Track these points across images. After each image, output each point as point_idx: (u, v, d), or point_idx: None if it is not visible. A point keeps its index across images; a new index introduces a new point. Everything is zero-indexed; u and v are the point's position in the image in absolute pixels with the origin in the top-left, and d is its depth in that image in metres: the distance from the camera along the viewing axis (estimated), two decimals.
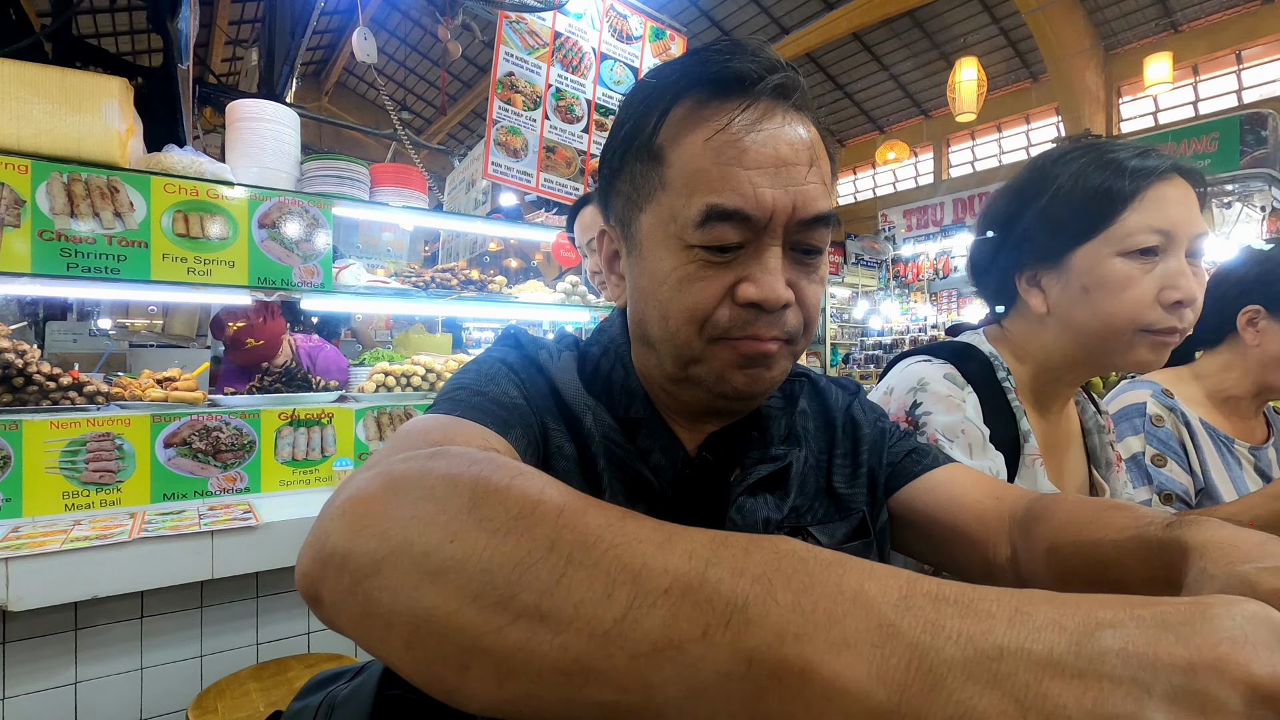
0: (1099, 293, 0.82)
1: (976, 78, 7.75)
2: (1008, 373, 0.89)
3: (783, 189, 0.54)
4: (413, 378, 2.38)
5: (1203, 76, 11.46)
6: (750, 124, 0.54)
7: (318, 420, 2.13)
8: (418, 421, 0.51)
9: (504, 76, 2.66)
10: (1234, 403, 1.33)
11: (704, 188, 0.54)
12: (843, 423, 0.73)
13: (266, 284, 2.03)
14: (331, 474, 2.09)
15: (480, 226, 3.14)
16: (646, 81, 0.60)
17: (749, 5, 11.88)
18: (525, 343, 0.67)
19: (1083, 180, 0.83)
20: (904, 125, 14.76)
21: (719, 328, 0.56)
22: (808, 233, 0.56)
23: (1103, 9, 11.22)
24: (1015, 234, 0.89)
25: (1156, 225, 0.80)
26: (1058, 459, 0.92)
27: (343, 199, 2.22)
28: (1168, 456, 1.21)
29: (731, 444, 0.65)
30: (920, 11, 11.45)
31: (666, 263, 0.57)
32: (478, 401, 0.54)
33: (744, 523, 0.62)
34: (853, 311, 10.12)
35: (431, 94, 15.62)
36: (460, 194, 3.99)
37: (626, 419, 0.63)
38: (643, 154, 0.58)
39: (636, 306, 0.62)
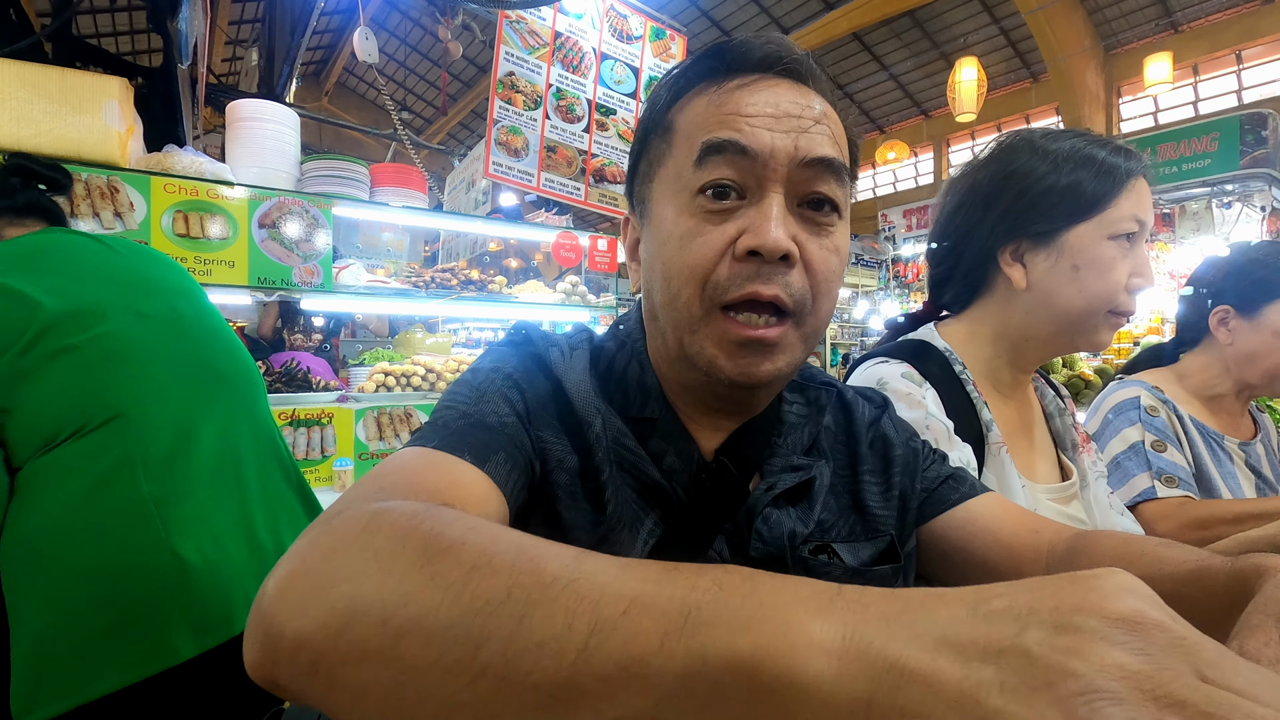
0: (1089, 272, 0.85)
1: (976, 78, 7.75)
2: (964, 366, 0.91)
3: (784, 133, 0.53)
4: (413, 378, 2.38)
5: (1203, 76, 11.46)
6: (754, 85, 0.55)
7: (318, 420, 2.13)
8: (387, 463, 0.49)
9: (504, 76, 2.66)
10: (1219, 400, 1.36)
11: (701, 132, 0.54)
12: (870, 438, 0.70)
13: (267, 284, 2.03)
14: (332, 474, 2.10)
15: (480, 226, 3.14)
16: (668, 72, 0.62)
17: (749, 5, 11.89)
18: (536, 340, 0.64)
19: (1073, 167, 0.86)
20: (904, 125, 14.76)
21: (719, 286, 0.54)
22: (814, 179, 0.54)
23: (1102, 9, 11.23)
24: (998, 210, 0.91)
25: (1137, 214, 0.85)
26: (1023, 444, 0.94)
27: (343, 199, 2.22)
28: (1167, 443, 1.23)
29: (750, 447, 0.63)
30: (920, 11, 11.45)
31: (671, 220, 0.56)
32: (460, 426, 0.52)
33: (770, 535, 0.59)
34: (853, 311, 10.11)
35: (432, 94, 15.63)
36: (460, 194, 3.99)
37: (641, 419, 0.61)
38: (656, 130, 0.60)
39: (647, 279, 0.61)
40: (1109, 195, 0.84)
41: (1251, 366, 1.30)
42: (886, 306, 9.44)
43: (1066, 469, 0.98)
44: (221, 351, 1.24)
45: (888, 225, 9.36)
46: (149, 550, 0.99)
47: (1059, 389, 1.05)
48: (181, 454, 1.08)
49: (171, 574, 0.99)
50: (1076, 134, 0.90)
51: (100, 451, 1.00)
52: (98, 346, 1.05)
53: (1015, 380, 0.97)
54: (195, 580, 1.00)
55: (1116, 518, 0.95)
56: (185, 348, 1.17)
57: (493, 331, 7.00)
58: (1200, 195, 5.14)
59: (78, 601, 0.94)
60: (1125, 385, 1.36)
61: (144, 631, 0.96)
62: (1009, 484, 0.85)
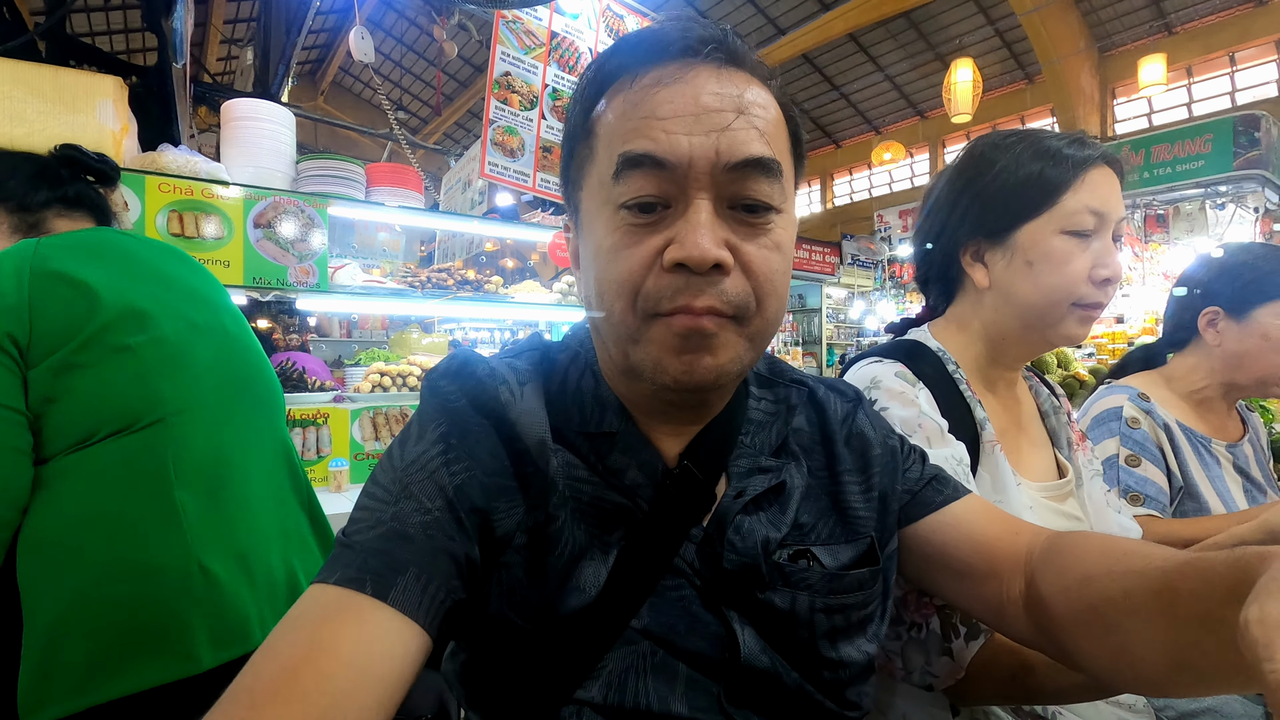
0: (1042, 266, 0.86)
1: (972, 79, 7.77)
2: (956, 365, 0.92)
3: (703, 135, 0.50)
4: (408, 378, 2.38)
5: (1197, 78, 11.51)
6: (670, 79, 0.51)
7: (313, 420, 2.13)
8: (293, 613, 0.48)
9: (500, 76, 2.66)
10: (1207, 402, 1.36)
11: (618, 142, 0.51)
12: (845, 436, 0.68)
13: (262, 284, 2.02)
14: (327, 474, 2.09)
15: (476, 226, 3.13)
16: (586, 71, 0.59)
17: (745, 6, 11.89)
18: (481, 376, 0.58)
19: (1024, 164, 0.87)
20: (900, 126, 14.78)
21: (651, 299, 0.51)
22: (743, 183, 0.51)
23: (1097, 10, 11.26)
24: (958, 212, 0.93)
25: (1093, 207, 0.85)
26: (1017, 442, 0.95)
27: (338, 199, 2.21)
28: (1142, 457, 1.23)
29: (715, 448, 0.61)
30: (916, 13, 11.47)
31: (599, 232, 0.53)
32: (368, 543, 0.50)
33: (743, 545, 0.57)
34: (849, 312, 10.13)
35: (428, 94, 15.59)
36: (456, 194, 3.98)
37: (599, 434, 0.59)
38: (580, 133, 0.57)
39: (585, 292, 0.59)
40: (1060, 189, 0.85)
41: (1239, 369, 1.30)
42: (882, 307, 9.46)
43: (1063, 467, 0.98)
44: (255, 369, 1.24)
45: (884, 226, 9.37)
46: (176, 556, 0.98)
47: (1054, 388, 1.06)
48: (214, 468, 1.07)
49: (198, 584, 0.98)
50: (1030, 135, 0.91)
51: (138, 454, 0.99)
52: (153, 350, 1.04)
53: (1004, 378, 0.98)
54: (220, 594, 1.00)
55: (1114, 515, 0.96)
56: (227, 363, 1.17)
57: (489, 332, 6.99)
58: (1194, 196, 5.16)
59: (99, 598, 0.93)
60: (1112, 391, 1.37)
61: (165, 637, 0.95)
62: (1003, 481, 0.85)
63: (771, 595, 0.58)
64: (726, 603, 0.57)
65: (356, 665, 0.44)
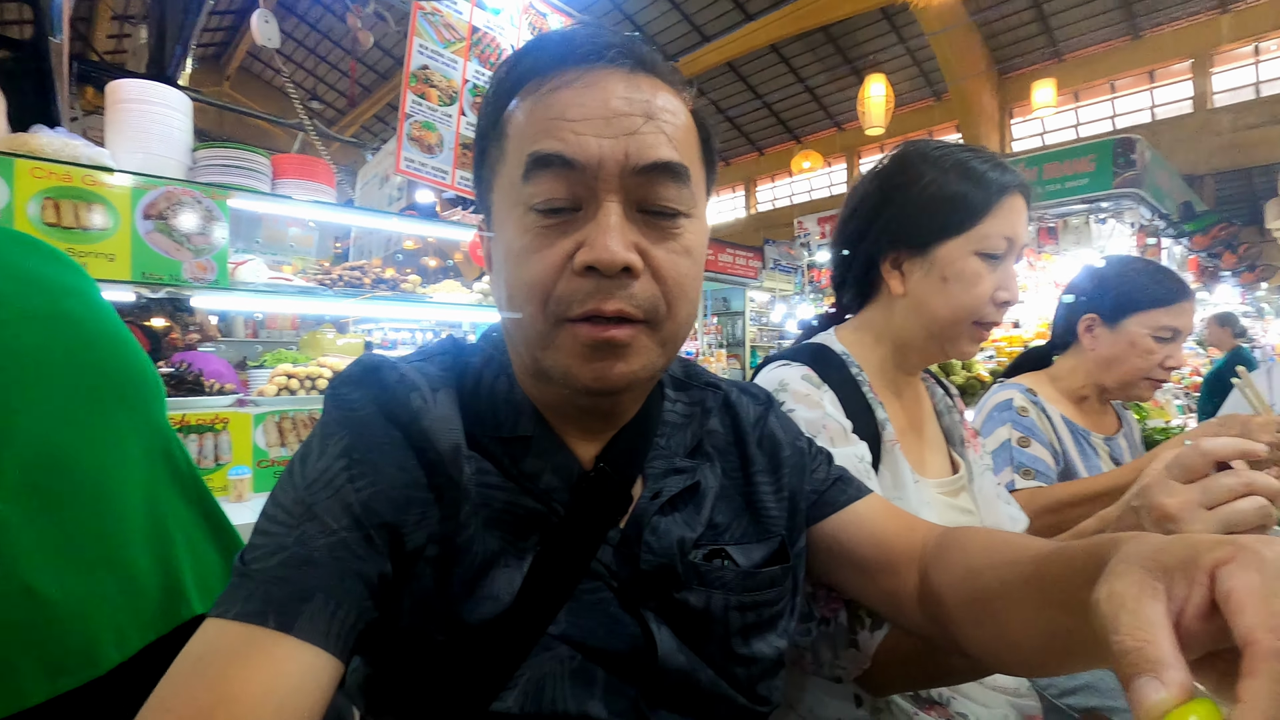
0: (956, 284, 0.91)
1: (884, 94, 8.15)
2: (859, 368, 0.96)
3: (612, 138, 0.50)
4: (318, 380, 2.27)
5: (1083, 102, 12.52)
6: (580, 81, 0.51)
7: (210, 426, 1.99)
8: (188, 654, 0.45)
9: (418, 70, 2.58)
10: (1086, 400, 1.49)
11: (527, 142, 0.51)
12: (757, 438, 0.70)
13: (152, 280, 1.88)
14: (226, 483, 1.96)
15: (392, 223, 3.03)
16: (497, 72, 0.58)
17: (671, 12, 12.05)
18: (391, 383, 0.56)
19: (951, 182, 0.91)
20: (819, 136, 15.35)
21: (562, 303, 0.51)
22: (652, 186, 0.51)
23: (997, 35, 12.07)
24: (883, 219, 0.96)
25: (1006, 233, 0.90)
26: (914, 441, 1.00)
27: (240, 190, 2.09)
28: (1032, 438, 1.33)
29: (630, 451, 0.61)
30: (834, 28, 11.95)
31: (510, 235, 0.53)
32: (268, 572, 0.47)
33: (659, 545, 0.58)
34: (771, 315, 10.40)
35: (345, 84, 14.97)
36: (373, 189, 3.84)
37: (514, 439, 0.58)
38: (490, 134, 0.57)
39: (497, 295, 0.58)
40: (980, 213, 0.90)
41: (1108, 372, 1.42)
42: (803, 310, 9.77)
43: (955, 463, 1.04)
44: (113, 355, 1.12)
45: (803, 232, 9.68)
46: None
47: (948, 388, 1.12)
48: (47, 472, 0.97)
49: (20, 608, 0.88)
50: (963, 148, 0.95)
51: None
52: None
53: (904, 380, 1.02)
54: (51, 615, 0.90)
55: (1002, 506, 1.02)
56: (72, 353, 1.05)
57: (410, 333, 6.77)
58: (1080, 211, 5.61)
59: None
60: (1004, 388, 1.47)
61: None
62: (902, 479, 0.89)
63: (687, 594, 0.58)
64: (643, 603, 0.58)
65: (267, 711, 0.42)
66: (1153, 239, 5.84)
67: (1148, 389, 1.42)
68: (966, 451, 1.05)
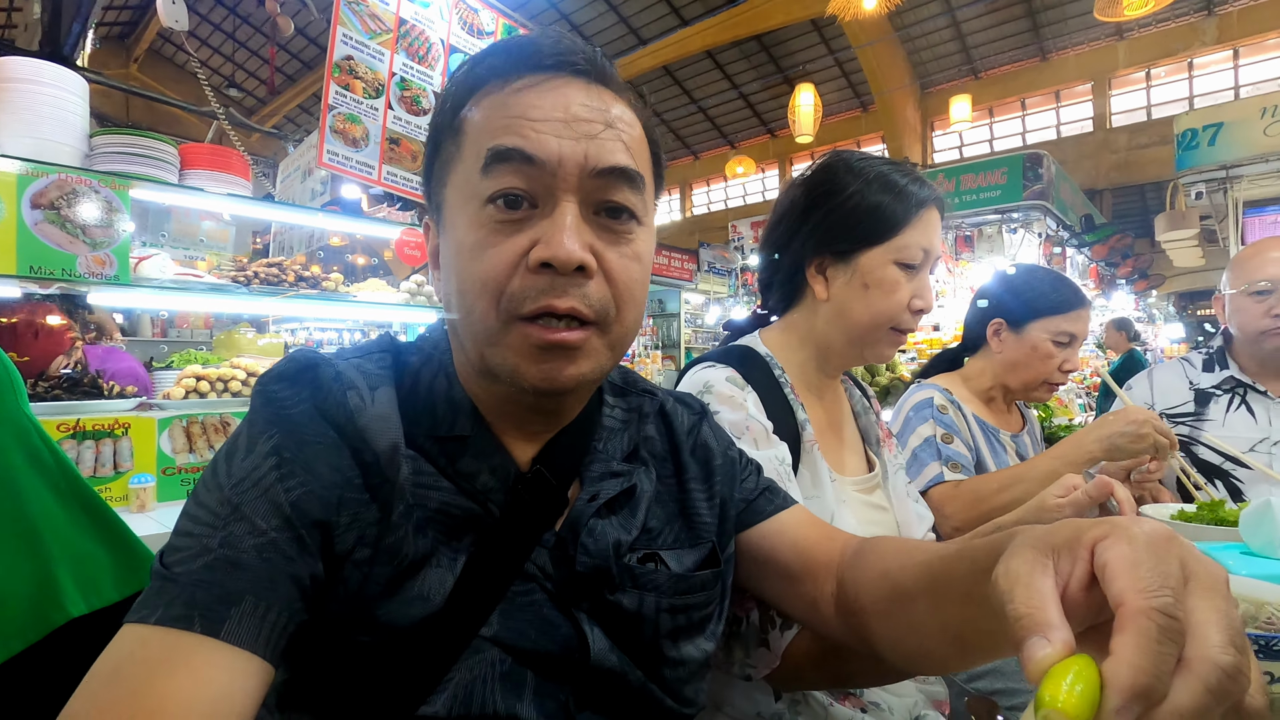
0: (876, 291, 0.95)
1: (813, 103, 8.38)
2: (782, 370, 0.99)
3: (572, 139, 0.52)
4: (230, 382, 2.16)
5: (997, 118, 13.26)
6: (543, 86, 0.53)
7: (110, 432, 1.86)
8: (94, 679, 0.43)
9: (341, 60, 2.49)
10: (994, 400, 1.59)
11: (486, 137, 0.52)
12: (691, 446, 0.71)
13: (42, 274, 1.74)
14: (127, 492, 1.84)
15: (311, 219, 2.90)
16: (457, 71, 0.59)
17: (608, 13, 12.06)
18: (327, 381, 0.55)
19: (873, 193, 0.95)
20: (753, 142, 15.68)
21: (515, 300, 0.52)
22: (607, 189, 0.53)
23: (919, 51, 12.63)
24: (809, 226, 1.00)
25: (923, 245, 0.96)
26: (833, 441, 1.03)
27: (143, 180, 1.96)
28: (954, 435, 1.41)
29: (568, 453, 0.62)
30: (767, 37, 12.24)
31: (463, 229, 0.54)
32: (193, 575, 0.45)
33: (595, 547, 0.58)
34: (705, 317, 10.55)
35: (266, 71, 14.29)
36: (295, 183, 3.67)
37: (450, 438, 0.58)
38: (446, 130, 0.57)
39: (445, 291, 0.58)
40: (900, 224, 0.95)
41: (1013, 374, 1.52)
42: (737, 313, 9.95)
43: (871, 462, 1.08)
44: None
45: (737, 235, 9.88)
46: None
47: (865, 389, 1.17)
48: None
49: None
50: (885, 161, 1.00)
51: None
52: None
53: (825, 382, 1.06)
54: None
55: (911, 504, 1.07)
56: None
57: (336, 333, 6.51)
58: (993, 221, 5.94)
59: None
60: (922, 388, 1.54)
61: None
62: (820, 478, 0.92)
63: (620, 596, 0.59)
64: (576, 604, 0.58)
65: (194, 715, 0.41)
66: (1058, 248, 6.25)
67: (1046, 392, 1.52)
68: (882, 451, 1.10)
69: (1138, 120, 12.19)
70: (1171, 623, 0.29)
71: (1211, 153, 4.32)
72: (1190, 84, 11.74)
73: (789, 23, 11.16)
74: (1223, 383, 1.63)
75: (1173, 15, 10.96)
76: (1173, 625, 0.29)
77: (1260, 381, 1.58)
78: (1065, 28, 11.78)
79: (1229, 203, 4.40)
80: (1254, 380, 1.59)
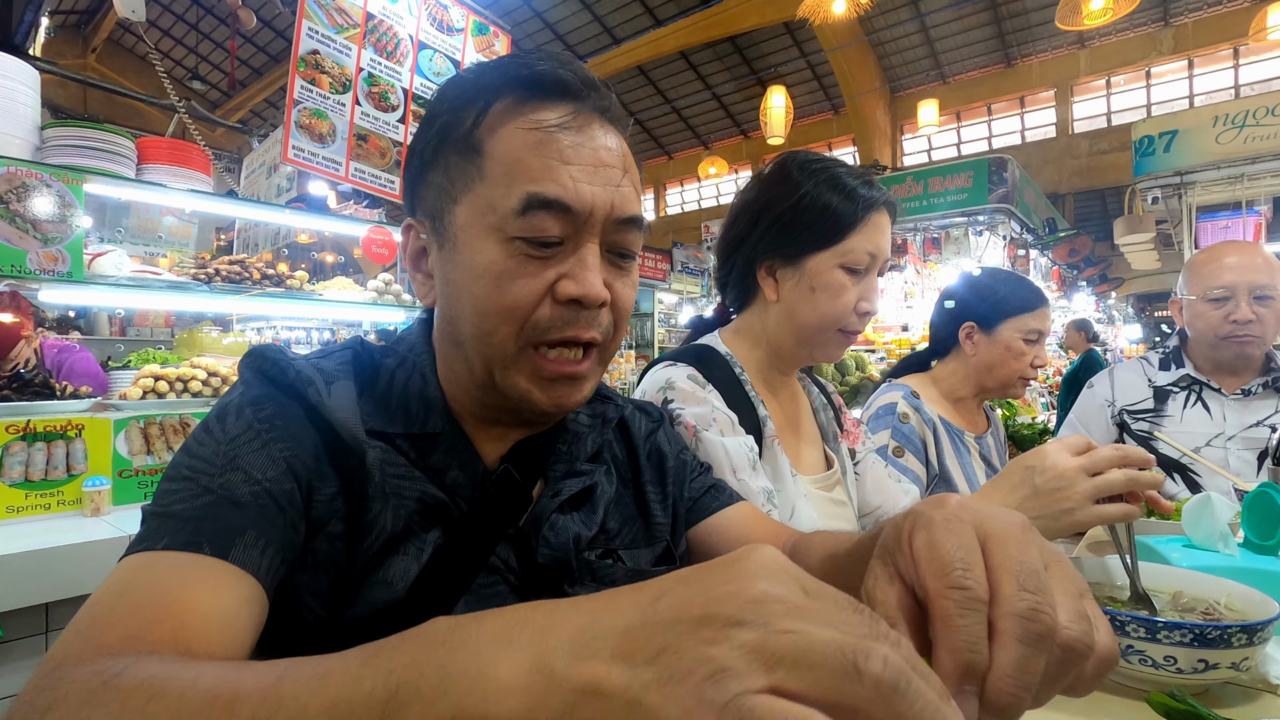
0: (823, 294, 0.97)
1: (785, 105, 8.46)
2: (741, 369, 1.01)
3: (601, 187, 0.56)
4: (190, 382, 2.11)
5: (965, 123, 13.52)
6: (571, 127, 0.56)
7: (62, 433, 1.80)
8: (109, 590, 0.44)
9: (307, 54, 2.44)
10: (962, 402, 1.61)
11: (524, 178, 0.54)
12: (647, 451, 0.75)
13: None
14: (80, 495, 1.78)
15: (276, 215, 2.85)
16: (464, 76, 0.60)
17: (582, 12, 12.03)
18: (286, 375, 0.57)
19: (821, 197, 0.97)
20: (726, 143, 15.77)
21: (539, 328, 0.56)
22: (623, 234, 0.59)
23: (889, 56, 12.82)
24: (761, 227, 1.01)
25: (869, 249, 0.98)
26: (792, 437, 1.06)
27: (98, 175, 1.90)
28: (905, 449, 1.43)
29: (535, 455, 0.64)
30: (740, 39, 12.32)
31: (484, 256, 0.55)
32: (197, 510, 0.48)
33: (556, 540, 0.61)
34: (679, 317, 10.58)
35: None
36: (260, 179, 3.60)
37: (422, 435, 0.60)
38: (460, 145, 0.57)
39: (448, 304, 0.60)
40: (848, 229, 0.96)
41: (989, 374, 1.54)
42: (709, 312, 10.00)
43: (830, 458, 1.11)
44: None
45: (710, 236, 9.92)
46: None
47: (824, 386, 1.19)
48: None
49: None
50: (838, 163, 1.01)
51: None
52: None
53: (780, 381, 1.08)
54: None
55: (893, 484, 1.13)
56: None
57: (304, 331, 6.39)
58: (960, 223, 6.06)
59: None
60: (892, 389, 1.55)
61: None
62: (782, 474, 0.94)
63: (578, 590, 0.61)
64: (536, 596, 0.59)
65: (213, 627, 0.42)
66: (1022, 251, 6.40)
67: (1022, 387, 1.55)
68: (841, 447, 1.12)
69: (1099, 127, 12.53)
70: (967, 594, 0.29)
71: (1167, 159, 4.47)
72: (1148, 92, 12.11)
73: (762, 25, 11.24)
74: (1179, 380, 1.69)
75: (1131, 25, 11.30)
76: (969, 595, 0.29)
77: (1214, 379, 1.64)
78: (1029, 35, 12.06)
79: (1183, 208, 4.56)
80: (1208, 378, 1.65)
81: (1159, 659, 0.59)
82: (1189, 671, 0.58)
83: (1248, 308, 1.56)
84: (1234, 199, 4.48)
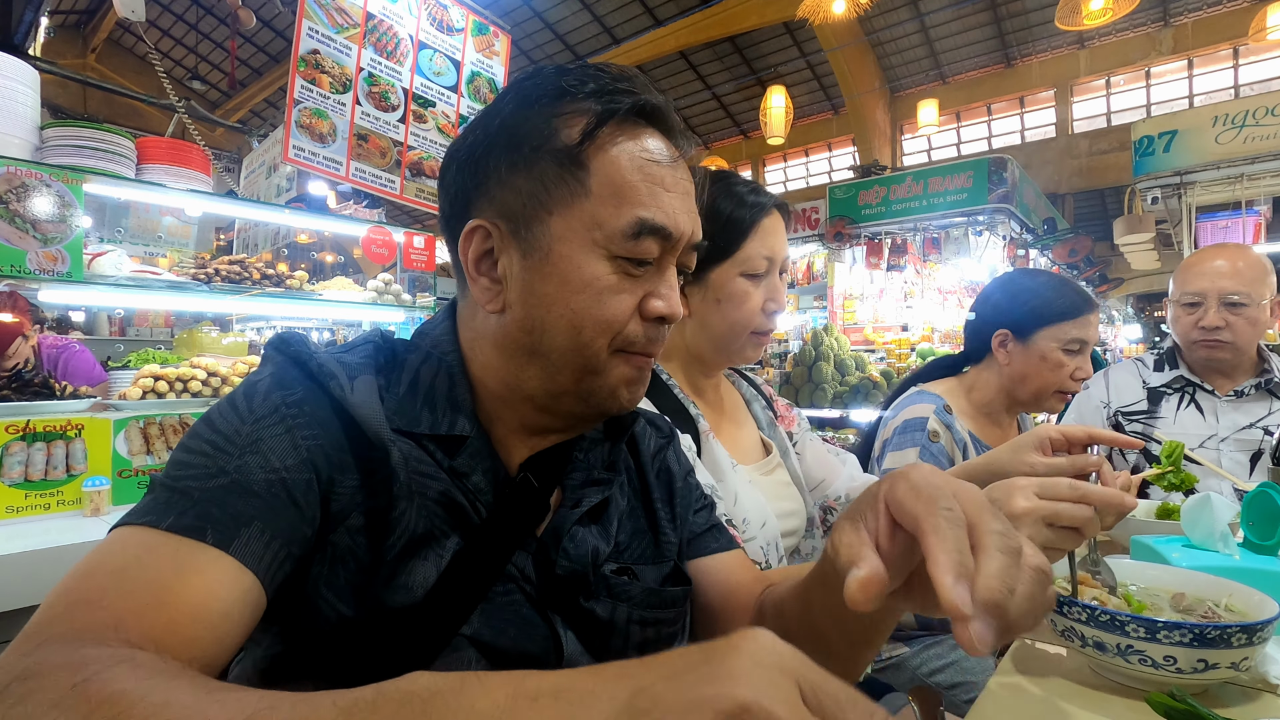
0: (728, 304, 1.03)
1: (785, 105, 8.45)
2: (669, 375, 1.07)
3: (687, 214, 0.61)
4: (190, 382, 2.10)
5: (964, 123, 13.51)
6: (668, 157, 0.60)
7: (62, 433, 1.80)
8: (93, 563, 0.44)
9: (307, 54, 2.44)
10: (994, 414, 1.53)
11: (634, 202, 0.57)
12: (656, 468, 0.75)
13: None
14: (80, 496, 1.79)
15: (275, 215, 2.84)
16: (549, 84, 0.59)
17: (582, 12, 12.03)
18: (312, 368, 0.57)
19: (717, 205, 1.01)
20: (726, 144, 15.76)
21: (627, 340, 0.59)
22: (689, 256, 0.64)
23: (889, 56, 12.81)
24: None
25: (765, 253, 1.03)
26: (728, 431, 1.11)
27: (98, 175, 1.90)
28: None
29: (554, 463, 0.65)
30: (740, 39, 12.31)
31: (588, 270, 0.57)
32: (208, 493, 0.47)
33: (575, 553, 0.61)
34: None
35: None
36: (260, 178, 3.60)
37: (449, 437, 0.59)
38: (560, 156, 0.57)
39: (530, 314, 0.59)
40: (741, 237, 1.01)
41: (1023, 386, 1.45)
42: None
43: (767, 445, 1.15)
44: None
45: None
46: None
47: (752, 379, 1.25)
48: None
49: None
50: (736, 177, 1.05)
51: None
52: None
53: (705, 382, 1.13)
54: None
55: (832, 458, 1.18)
56: None
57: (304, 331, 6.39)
58: (960, 223, 6.05)
59: None
60: (923, 399, 1.46)
61: None
62: (721, 465, 0.98)
63: (595, 604, 0.61)
64: (553, 607, 0.60)
65: (203, 623, 0.43)
66: (1021, 251, 6.40)
67: (1058, 401, 1.46)
68: (778, 432, 1.17)
69: (1098, 126, 12.52)
70: (954, 514, 0.37)
71: (1167, 159, 4.47)
72: (1148, 92, 12.11)
73: (762, 25, 11.24)
74: (1173, 381, 1.69)
75: (1131, 25, 11.30)
76: (956, 515, 0.37)
77: (1207, 380, 1.64)
78: (1029, 35, 12.05)
79: (1183, 208, 4.56)
80: (1201, 379, 1.65)
81: (1159, 659, 0.59)
82: (1189, 671, 0.59)
83: (1215, 314, 1.55)
84: (1234, 199, 4.49)
